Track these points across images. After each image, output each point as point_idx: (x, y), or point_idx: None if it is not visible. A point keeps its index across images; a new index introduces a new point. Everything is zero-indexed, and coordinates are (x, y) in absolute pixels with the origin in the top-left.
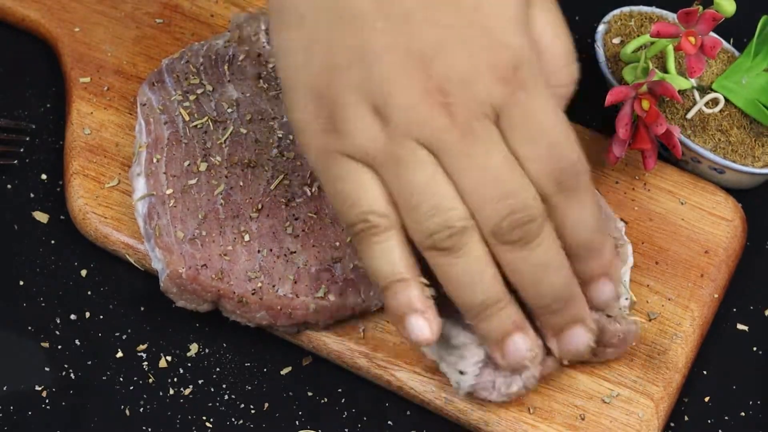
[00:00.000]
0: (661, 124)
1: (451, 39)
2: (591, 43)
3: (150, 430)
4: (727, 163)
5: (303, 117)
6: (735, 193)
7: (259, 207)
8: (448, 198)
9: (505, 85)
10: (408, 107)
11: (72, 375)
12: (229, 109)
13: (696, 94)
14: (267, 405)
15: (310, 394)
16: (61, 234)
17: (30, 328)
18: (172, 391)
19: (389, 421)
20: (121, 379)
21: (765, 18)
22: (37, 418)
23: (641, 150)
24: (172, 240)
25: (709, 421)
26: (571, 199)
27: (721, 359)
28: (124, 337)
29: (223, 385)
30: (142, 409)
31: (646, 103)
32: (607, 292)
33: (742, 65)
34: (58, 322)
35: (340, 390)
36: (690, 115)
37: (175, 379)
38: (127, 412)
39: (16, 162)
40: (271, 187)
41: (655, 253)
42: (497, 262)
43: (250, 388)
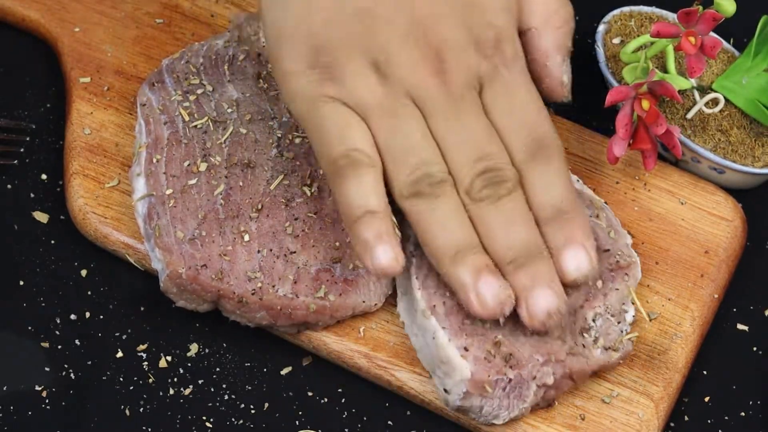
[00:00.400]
0: (661, 124)
1: (449, 13)
2: (591, 43)
3: (150, 430)
4: (727, 163)
5: (295, 67)
6: (735, 193)
7: (259, 207)
8: (432, 154)
9: (491, 60)
10: (408, 67)
11: (72, 375)
12: (229, 109)
13: (696, 94)
14: (267, 405)
15: (310, 394)
16: (61, 234)
17: (30, 328)
18: (172, 391)
19: (389, 421)
20: (121, 379)
21: (765, 18)
22: (37, 418)
23: (641, 150)
24: (171, 240)
25: (709, 421)
26: (543, 167)
27: (721, 359)
28: (124, 337)
29: (223, 385)
30: (142, 409)
31: (646, 103)
32: (580, 262)
33: (742, 65)
34: (58, 322)
35: (340, 390)
36: (690, 115)
37: (175, 379)
38: (127, 412)
39: (16, 162)
40: (271, 187)
41: (655, 253)
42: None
43: (250, 388)
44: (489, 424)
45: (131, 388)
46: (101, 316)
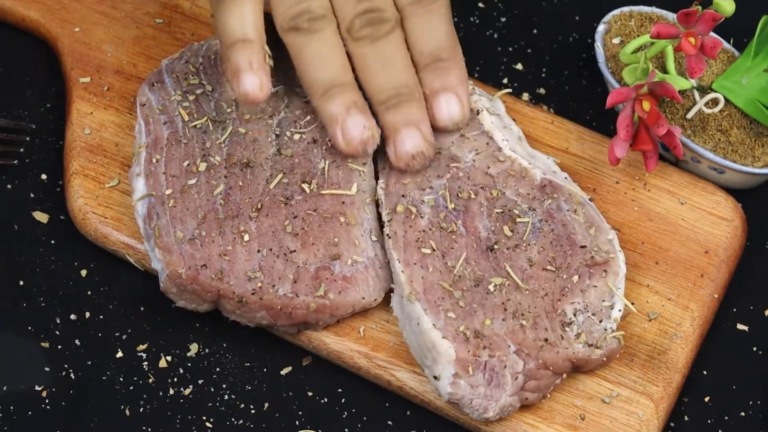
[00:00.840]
0: (662, 125)
1: None
2: (591, 43)
3: (150, 430)
4: (727, 163)
5: None
6: (735, 193)
7: (259, 206)
8: None
9: None
10: None
11: (72, 375)
12: (228, 109)
13: (696, 94)
14: (267, 405)
15: (310, 394)
16: (61, 234)
17: (30, 328)
18: (172, 391)
19: (389, 421)
20: (121, 379)
21: (765, 18)
22: (37, 418)
23: (642, 151)
24: (171, 240)
25: (709, 421)
26: (425, 13)
27: (721, 359)
28: (124, 337)
29: (223, 385)
30: (142, 409)
31: (647, 105)
32: (452, 109)
33: (742, 65)
34: (58, 322)
35: (340, 390)
36: (690, 115)
37: (175, 379)
38: (127, 412)
39: (16, 162)
40: (270, 186)
41: (655, 253)
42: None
43: (250, 388)
44: (484, 421)
45: (131, 388)
46: (101, 316)
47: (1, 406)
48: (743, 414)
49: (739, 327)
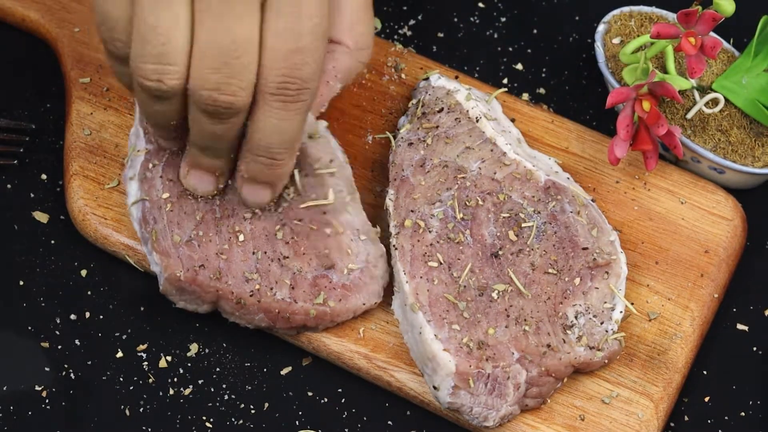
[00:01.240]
0: (662, 125)
1: None
2: (591, 43)
3: (150, 430)
4: (727, 163)
5: None
6: (735, 193)
7: (254, 210)
8: (176, 52)
9: None
10: None
11: (72, 375)
12: None
13: (696, 94)
14: (267, 405)
15: (310, 394)
16: (61, 234)
17: (30, 328)
18: (172, 391)
19: (389, 422)
20: (121, 379)
21: (765, 18)
22: (37, 418)
23: (642, 151)
24: (168, 243)
25: (709, 421)
26: (282, 107)
27: (721, 359)
28: (124, 337)
29: (223, 385)
30: (142, 409)
31: (647, 105)
32: (260, 198)
33: (742, 65)
34: (58, 322)
35: (340, 390)
36: (690, 115)
37: (175, 379)
38: (127, 412)
39: (16, 162)
40: None
41: (655, 253)
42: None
43: (250, 388)
44: (483, 427)
45: (131, 388)
46: (101, 316)
47: (1, 406)
48: (743, 414)
49: (739, 327)
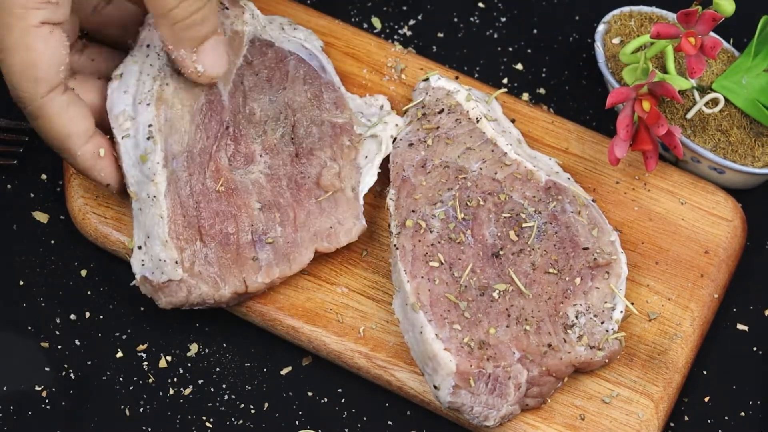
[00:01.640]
0: (662, 125)
1: None
2: (591, 43)
3: (150, 430)
4: (727, 163)
5: None
6: (735, 193)
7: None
8: None
9: None
10: None
11: (72, 375)
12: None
13: (696, 94)
14: (267, 405)
15: (310, 394)
16: (61, 234)
17: (30, 328)
18: (172, 391)
19: (389, 421)
20: (121, 379)
21: (765, 18)
22: (37, 418)
23: (642, 151)
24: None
25: (709, 421)
26: None
27: (721, 359)
28: (124, 337)
29: (223, 385)
30: (142, 409)
31: (647, 105)
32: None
33: (742, 65)
34: (58, 322)
35: (340, 390)
36: (690, 115)
37: (175, 379)
38: (127, 412)
39: (16, 162)
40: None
41: (655, 253)
42: None
43: (250, 388)
44: (483, 426)
45: (131, 388)
46: (101, 316)
47: (1, 406)
48: (743, 414)
49: (739, 327)
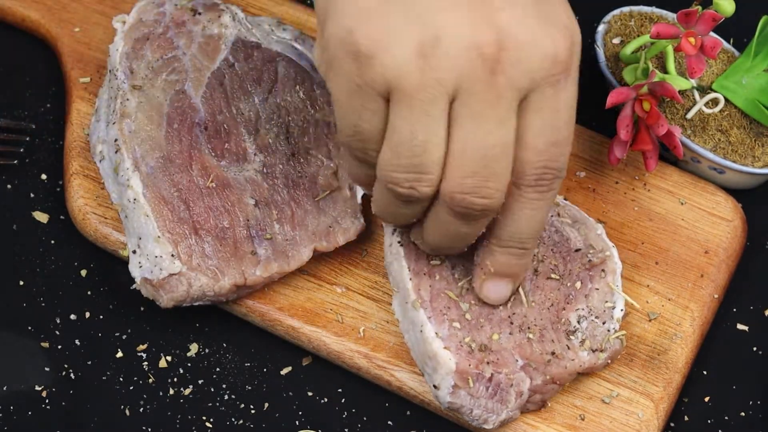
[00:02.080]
0: (662, 125)
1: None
2: (591, 43)
3: (150, 430)
4: (727, 163)
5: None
6: (735, 193)
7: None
8: (432, 162)
9: (557, 66)
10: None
11: (72, 375)
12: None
13: (696, 94)
14: (267, 405)
15: (310, 394)
16: (61, 234)
17: (30, 328)
18: (172, 391)
19: (389, 421)
20: (121, 379)
21: (765, 18)
22: (37, 418)
23: (642, 151)
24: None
25: (709, 421)
26: (537, 197)
27: (721, 359)
28: (124, 337)
29: (223, 385)
30: (142, 409)
31: (647, 105)
32: (503, 293)
33: (742, 65)
34: (58, 322)
35: (340, 390)
36: (690, 115)
37: (175, 379)
38: (127, 412)
39: (16, 162)
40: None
41: (655, 253)
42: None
43: (250, 388)
44: (482, 428)
45: (131, 388)
46: (101, 316)
47: (1, 406)
48: (743, 414)
49: (739, 327)
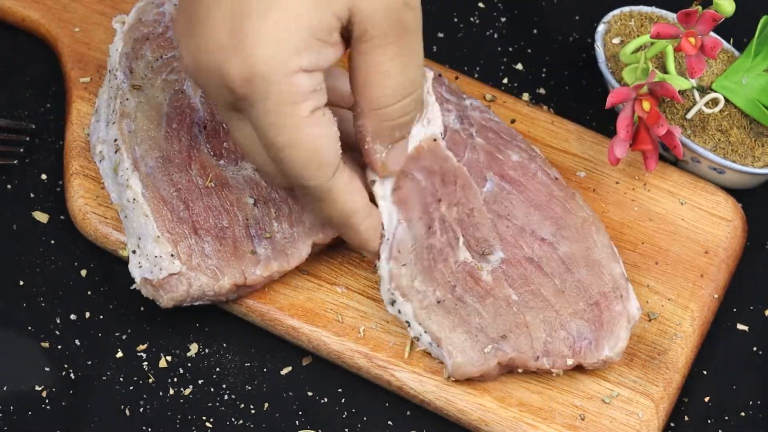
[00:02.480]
0: (662, 125)
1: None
2: (591, 43)
3: (150, 430)
4: (727, 163)
5: None
6: (735, 193)
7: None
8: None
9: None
10: None
11: (72, 375)
12: None
13: (696, 94)
14: (267, 405)
15: (310, 394)
16: (61, 234)
17: (30, 328)
18: (172, 391)
19: (389, 421)
20: (121, 379)
21: (765, 18)
22: (37, 418)
23: (642, 151)
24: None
25: (709, 421)
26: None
27: (721, 359)
28: (124, 337)
29: (223, 385)
30: (142, 409)
31: (647, 105)
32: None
33: (742, 65)
34: (58, 322)
35: (340, 390)
36: (690, 115)
37: (175, 379)
38: (127, 412)
39: (16, 162)
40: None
41: (655, 253)
42: None
43: (250, 388)
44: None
45: (131, 388)
46: (101, 316)
47: (1, 406)
48: (743, 414)
49: (739, 327)
